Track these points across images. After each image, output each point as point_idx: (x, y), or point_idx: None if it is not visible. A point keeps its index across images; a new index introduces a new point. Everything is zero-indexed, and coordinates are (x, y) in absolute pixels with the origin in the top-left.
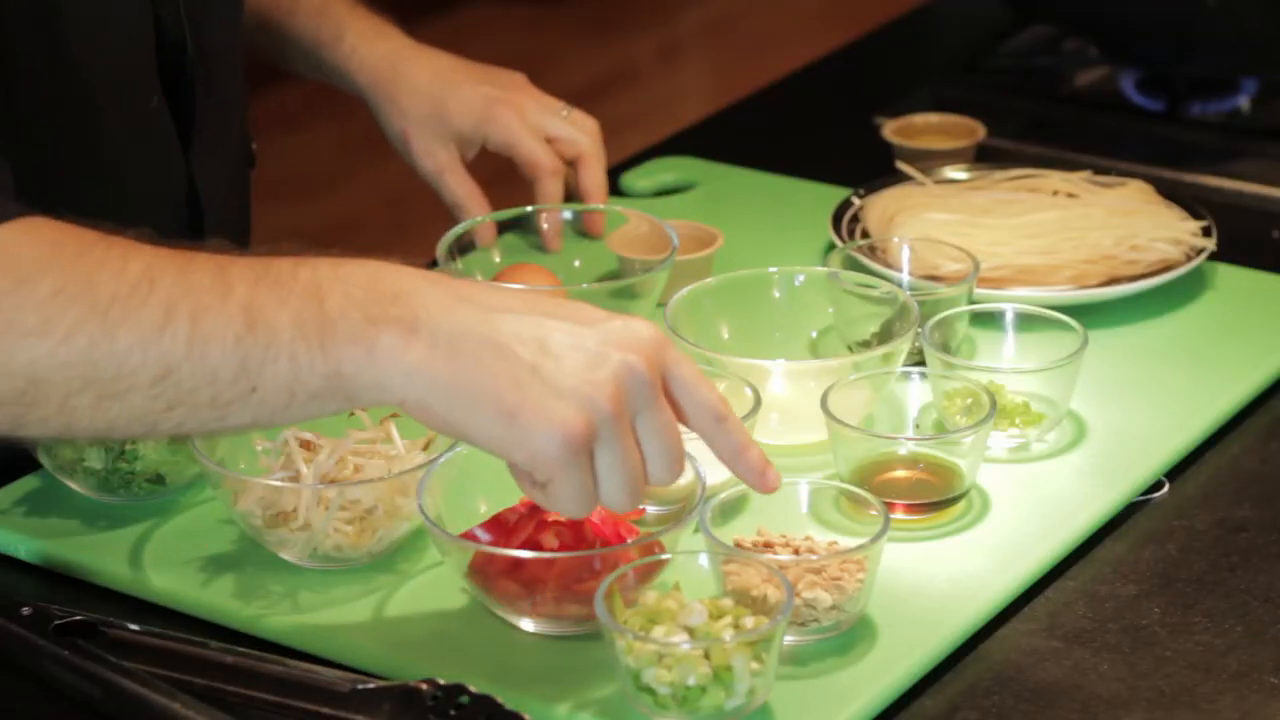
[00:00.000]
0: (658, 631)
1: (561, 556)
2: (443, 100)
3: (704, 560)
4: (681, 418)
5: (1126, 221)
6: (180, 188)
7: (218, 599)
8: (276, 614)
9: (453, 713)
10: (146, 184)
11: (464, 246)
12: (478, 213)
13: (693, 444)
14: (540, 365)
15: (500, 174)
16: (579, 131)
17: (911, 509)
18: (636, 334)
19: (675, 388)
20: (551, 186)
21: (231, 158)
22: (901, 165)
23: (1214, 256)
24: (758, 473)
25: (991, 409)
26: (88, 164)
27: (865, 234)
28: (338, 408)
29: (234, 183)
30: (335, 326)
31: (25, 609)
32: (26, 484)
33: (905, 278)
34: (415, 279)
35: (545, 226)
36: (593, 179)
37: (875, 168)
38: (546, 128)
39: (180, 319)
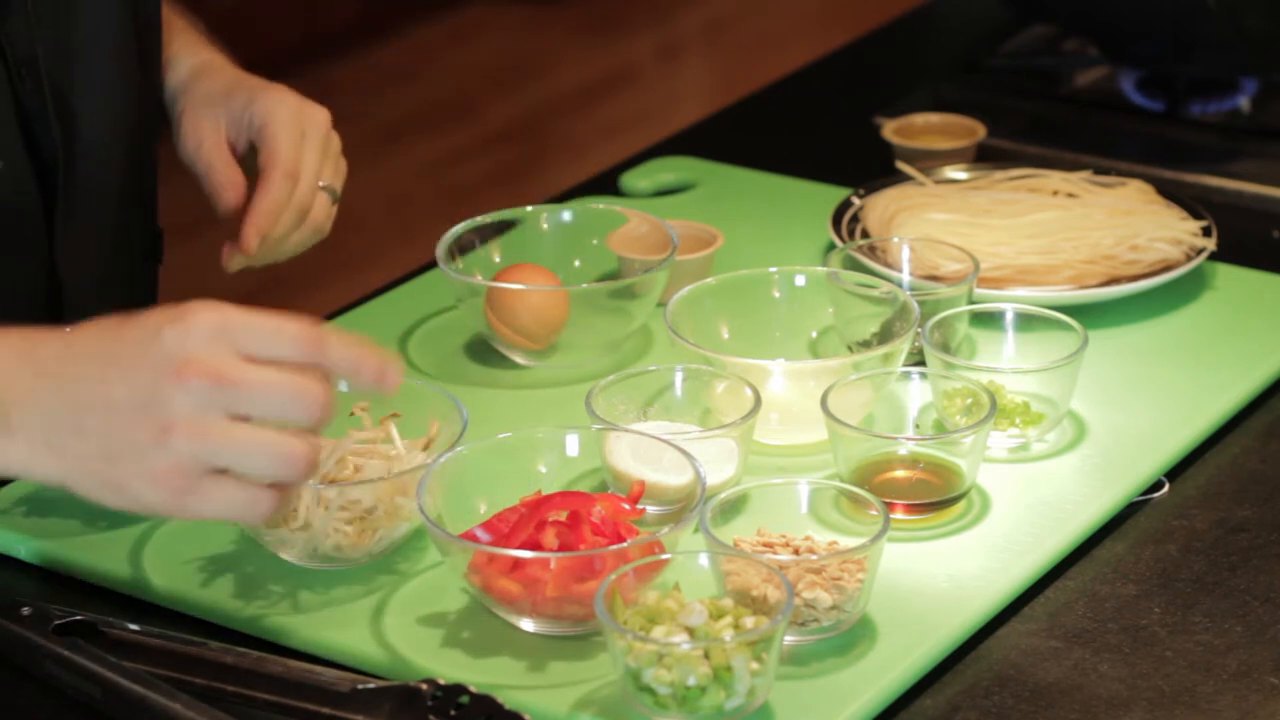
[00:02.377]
0: (658, 631)
1: (561, 556)
2: (229, 89)
3: (704, 560)
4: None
5: (1126, 221)
6: (40, 272)
7: (218, 599)
8: (276, 614)
9: (453, 713)
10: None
11: (464, 246)
12: (228, 189)
13: (693, 444)
14: (112, 429)
15: (501, 173)
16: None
17: (911, 509)
18: (185, 349)
19: (260, 355)
20: (277, 184)
21: (115, 248)
22: (901, 165)
23: (1214, 256)
24: (376, 376)
25: (991, 409)
26: None
27: (865, 234)
28: None
29: (125, 277)
30: None
31: (25, 609)
32: (26, 484)
33: (905, 278)
34: (3, 365)
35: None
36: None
37: (875, 168)
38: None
39: None
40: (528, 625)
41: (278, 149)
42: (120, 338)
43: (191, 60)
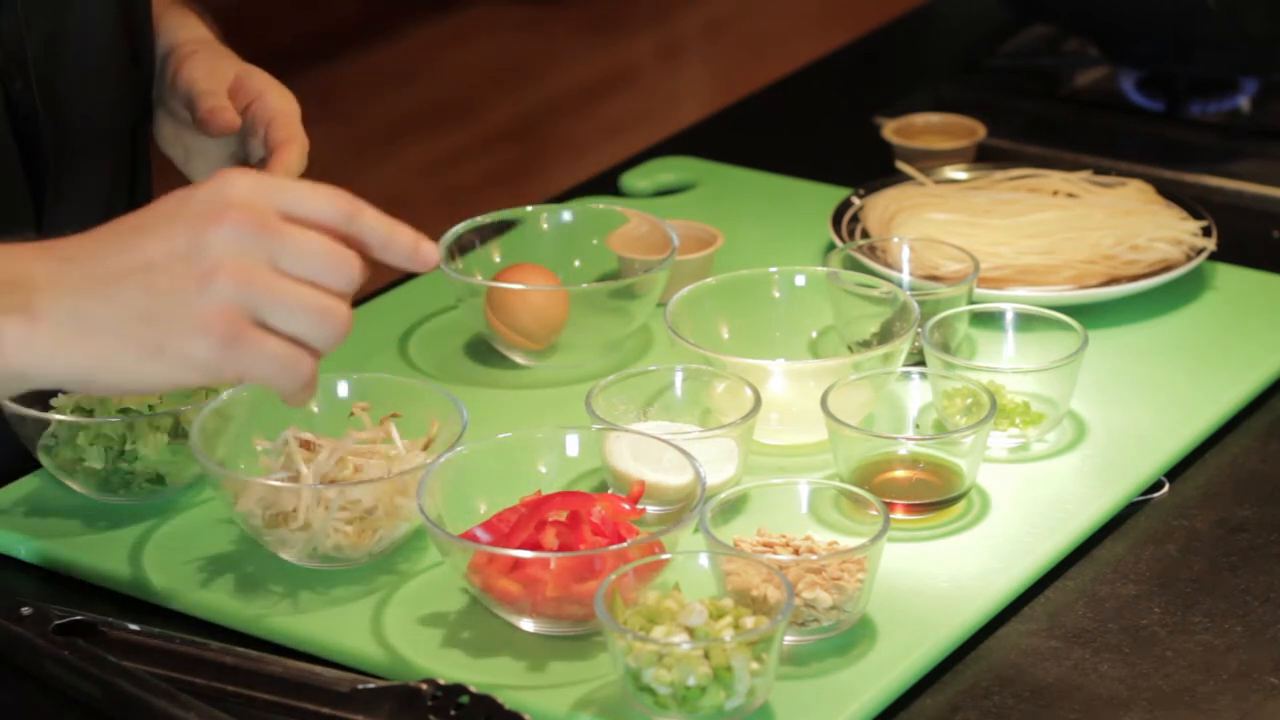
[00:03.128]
0: (658, 631)
1: (561, 556)
2: (241, 64)
3: (704, 560)
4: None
5: (1126, 221)
6: None
7: (218, 599)
8: (276, 614)
9: (453, 713)
10: None
11: (464, 246)
12: (226, 112)
13: (693, 444)
14: (153, 286)
15: (501, 173)
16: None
17: (911, 509)
18: (224, 196)
19: (296, 213)
20: (298, 153)
21: None
22: (901, 165)
23: (1214, 256)
24: (410, 251)
25: (991, 409)
26: None
27: (865, 234)
28: None
29: None
30: None
31: (25, 609)
32: (26, 484)
33: (905, 278)
34: (25, 258)
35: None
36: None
37: (875, 168)
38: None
39: None
40: (528, 625)
41: (296, 132)
42: (148, 210)
43: (195, 31)
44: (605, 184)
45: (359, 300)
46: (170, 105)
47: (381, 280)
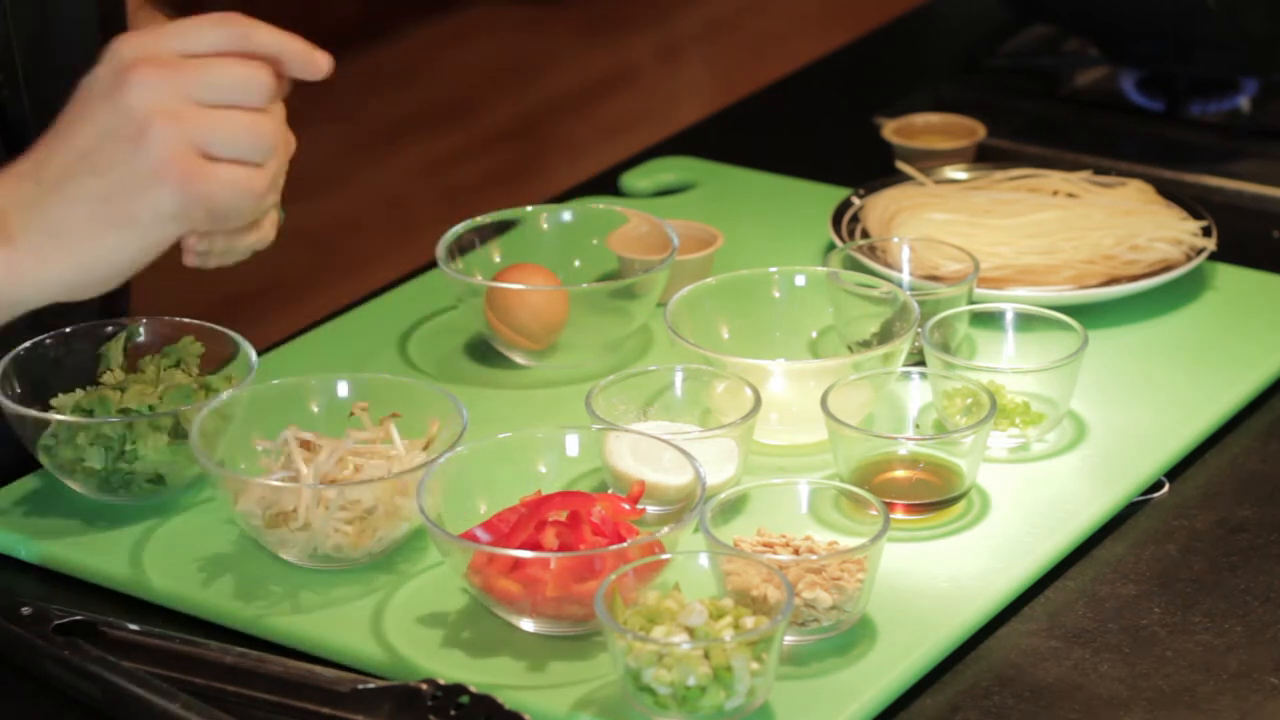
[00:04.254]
0: (658, 631)
1: (561, 556)
2: None
3: (704, 560)
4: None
5: (1126, 221)
6: None
7: (218, 599)
8: (276, 614)
9: (453, 713)
10: None
11: (464, 246)
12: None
13: (693, 444)
14: (97, 167)
15: (501, 173)
16: None
17: (911, 509)
18: (120, 60)
19: (193, 50)
20: None
21: None
22: (901, 165)
23: (1214, 256)
24: (304, 60)
25: (991, 409)
26: None
27: (865, 234)
28: None
29: None
30: None
31: (25, 609)
32: (26, 484)
33: (905, 278)
34: None
35: None
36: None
37: (875, 168)
38: None
39: None
40: (528, 625)
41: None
42: (66, 109)
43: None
44: (605, 184)
45: (359, 302)
46: None
47: (381, 281)
